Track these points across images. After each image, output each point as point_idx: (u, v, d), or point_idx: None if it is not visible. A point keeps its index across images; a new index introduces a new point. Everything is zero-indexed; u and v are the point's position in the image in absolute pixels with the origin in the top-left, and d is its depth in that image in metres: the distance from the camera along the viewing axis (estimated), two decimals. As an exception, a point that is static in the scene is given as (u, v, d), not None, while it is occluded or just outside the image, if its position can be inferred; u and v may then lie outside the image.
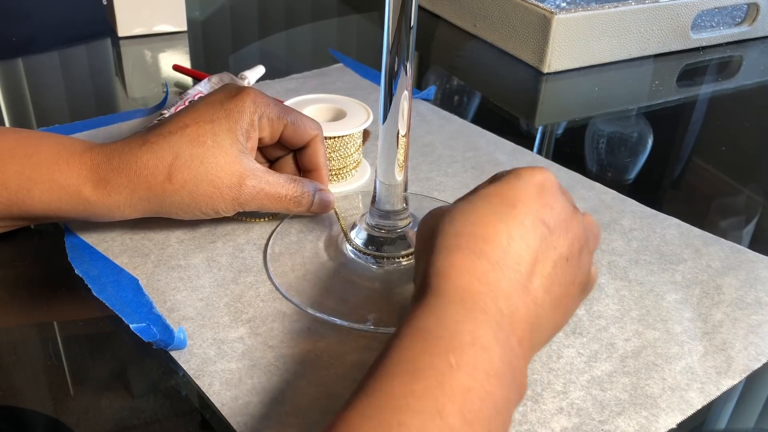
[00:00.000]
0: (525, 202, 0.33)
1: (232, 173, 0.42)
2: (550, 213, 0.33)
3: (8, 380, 0.37)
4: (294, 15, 0.95)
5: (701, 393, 0.37)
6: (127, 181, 0.41)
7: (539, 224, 0.32)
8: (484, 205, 0.33)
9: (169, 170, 0.41)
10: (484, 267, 0.31)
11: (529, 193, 0.33)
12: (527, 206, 0.32)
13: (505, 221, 0.32)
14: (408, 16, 0.37)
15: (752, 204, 0.56)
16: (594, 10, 0.74)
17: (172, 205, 0.43)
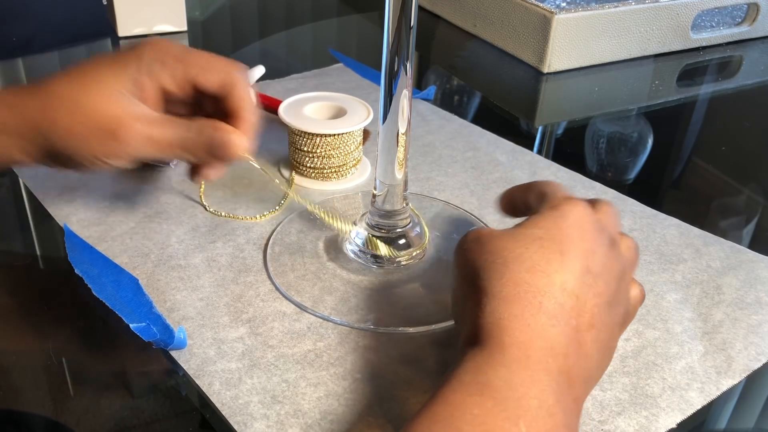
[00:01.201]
0: (572, 248, 0.32)
1: (106, 115, 0.39)
2: (593, 258, 0.32)
3: (8, 380, 0.37)
4: (294, 15, 0.95)
5: (701, 393, 0.37)
6: (15, 123, 0.39)
7: (586, 273, 0.32)
8: (537, 250, 0.32)
9: (53, 116, 0.39)
10: (543, 322, 0.30)
11: (574, 237, 0.33)
12: (574, 253, 0.32)
13: (558, 271, 0.31)
14: (408, 16, 0.37)
15: (752, 204, 0.56)
16: (594, 10, 0.74)
17: (64, 152, 0.39)
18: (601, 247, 0.33)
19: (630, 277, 0.35)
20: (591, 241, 0.33)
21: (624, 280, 0.34)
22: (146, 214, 0.49)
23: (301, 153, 0.53)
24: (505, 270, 0.32)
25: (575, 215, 0.34)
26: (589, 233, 0.33)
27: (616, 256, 0.34)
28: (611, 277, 0.33)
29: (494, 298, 0.31)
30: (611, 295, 0.32)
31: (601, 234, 0.34)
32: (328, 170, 0.53)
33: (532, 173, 0.56)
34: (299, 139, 0.52)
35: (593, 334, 0.31)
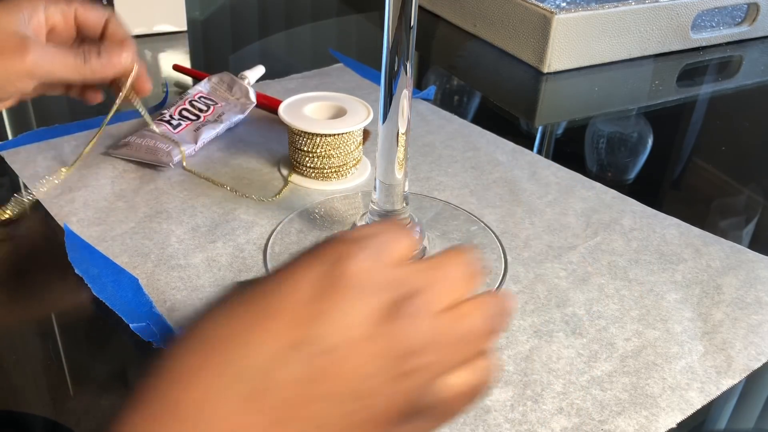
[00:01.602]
0: (282, 312, 0.24)
1: (13, 37, 0.43)
2: (317, 327, 0.24)
3: (8, 380, 0.37)
4: (294, 15, 0.95)
5: (701, 393, 0.37)
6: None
7: (291, 349, 0.24)
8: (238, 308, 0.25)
9: None
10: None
11: (295, 296, 0.25)
12: (282, 319, 0.24)
13: (249, 343, 0.24)
14: (408, 16, 0.37)
15: (752, 204, 0.56)
16: (594, 10, 0.74)
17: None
18: (343, 313, 0.24)
19: (446, 362, 0.25)
20: (327, 302, 0.24)
21: (408, 363, 0.24)
22: (146, 214, 0.49)
23: (301, 153, 0.53)
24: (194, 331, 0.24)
25: (317, 264, 0.25)
26: (333, 292, 0.24)
27: (390, 331, 0.24)
28: (358, 358, 0.23)
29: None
30: (347, 384, 0.23)
31: (367, 294, 0.24)
32: (328, 170, 0.53)
33: (532, 173, 0.56)
34: (299, 139, 0.52)
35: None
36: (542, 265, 0.46)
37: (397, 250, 0.26)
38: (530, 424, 0.35)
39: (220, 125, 0.58)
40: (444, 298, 0.26)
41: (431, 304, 0.25)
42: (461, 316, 0.26)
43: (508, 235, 0.48)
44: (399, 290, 0.25)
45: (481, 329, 0.26)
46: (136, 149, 0.54)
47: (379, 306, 0.24)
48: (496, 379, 0.28)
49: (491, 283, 0.44)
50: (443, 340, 0.25)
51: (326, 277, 0.24)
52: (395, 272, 0.25)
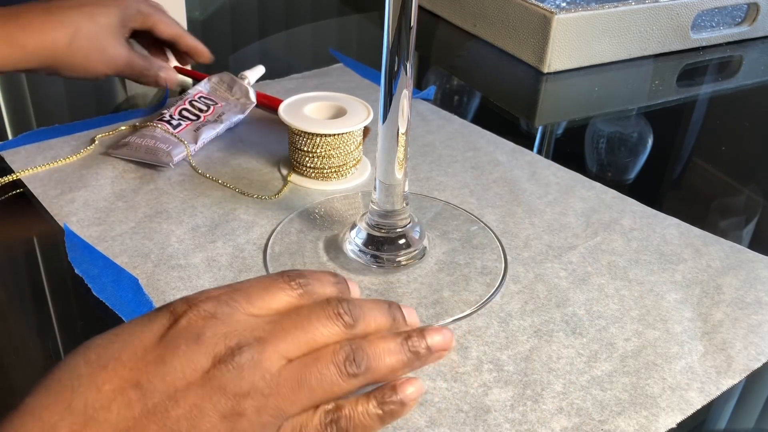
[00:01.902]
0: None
1: (117, 46, 0.57)
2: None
3: (8, 380, 0.37)
4: (294, 15, 0.95)
5: (701, 393, 0.37)
6: (34, 42, 0.53)
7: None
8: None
9: (70, 39, 0.55)
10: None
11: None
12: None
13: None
14: (408, 16, 0.37)
15: (752, 204, 0.56)
16: (594, 10, 0.74)
17: (68, 65, 0.56)
18: (177, 360, 0.25)
19: (284, 407, 0.26)
20: (164, 349, 0.26)
21: (238, 408, 0.25)
22: (146, 214, 0.49)
23: (301, 153, 0.53)
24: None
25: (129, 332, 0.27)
26: (170, 340, 0.26)
27: (220, 377, 0.25)
28: (185, 403, 0.25)
29: None
30: (171, 427, 0.25)
31: (203, 342, 0.26)
32: (328, 170, 0.53)
33: (532, 173, 0.56)
34: (299, 139, 0.52)
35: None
36: (542, 265, 0.46)
37: (261, 299, 0.28)
38: (530, 424, 0.35)
39: (220, 125, 0.58)
40: (292, 347, 0.27)
41: (270, 353, 0.26)
42: (308, 363, 0.27)
43: (508, 235, 0.48)
44: (237, 339, 0.26)
45: (331, 375, 0.27)
46: (135, 149, 0.54)
47: (213, 353, 0.26)
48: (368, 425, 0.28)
49: (491, 282, 0.44)
50: (281, 387, 0.26)
51: (169, 327, 0.26)
52: (241, 323, 0.27)
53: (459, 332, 0.40)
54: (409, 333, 0.30)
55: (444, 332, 0.30)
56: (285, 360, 0.27)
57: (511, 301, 0.43)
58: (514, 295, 0.43)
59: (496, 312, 0.42)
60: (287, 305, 0.29)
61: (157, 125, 0.56)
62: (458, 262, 0.46)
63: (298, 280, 0.30)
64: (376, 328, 0.30)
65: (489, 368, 0.38)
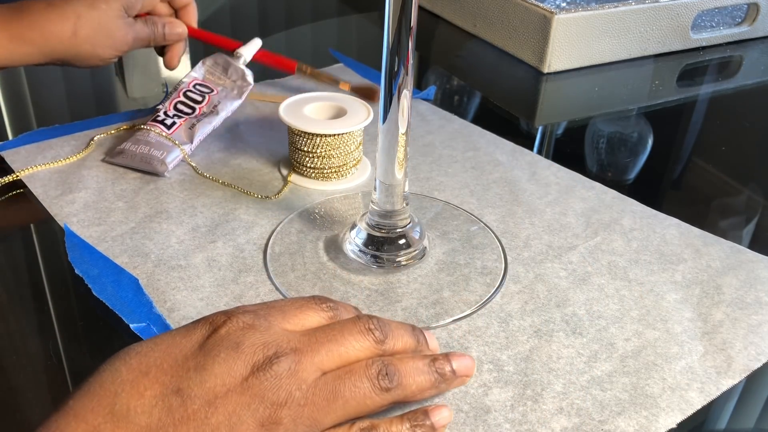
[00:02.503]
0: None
1: (122, 27, 0.57)
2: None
3: (8, 380, 0.37)
4: (294, 15, 0.95)
5: (701, 393, 0.37)
6: (39, 36, 0.53)
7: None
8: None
9: (74, 28, 0.54)
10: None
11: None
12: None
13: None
14: (408, 16, 0.37)
15: (752, 204, 0.56)
16: (594, 10, 0.74)
17: (77, 55, 0.55)
18: (216, 367, 0.26)
19: (319, 418, 0.27)
20: (203, 357, 0.27)
21: (275, 416, 0.26)
22: (146, 214, 0.49)
23: (301, 153, 0.53)
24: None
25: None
26: (210, 348, 0.27)
27: (257, 385, 0.26)
28: (224, 409, 0.26)
29: None
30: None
31: (242, 351, 0.27)
32: (328, 170, 0.53)
33: (532, 173, 0.56)
34: (299, 139, 0.52)
35: None
36: (542, 265, 0.46)
37: (295, 317, 0.29)
38: (530, 424, 0.35)
39: (215, 117, 0.58)
40: (327, 359, 0.28)
41: (306, 363, 0.27)
42: (343, 376, 0.28)
43: (508, 235, 0.48)
44: (275, 348, 0.27)
45: (365, 388, 0.28)
46: (131, 158, 0.54)
47: (252, 361, 0.26)
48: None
49: (492, 282, 0.44)
50: (317, 397, 0.27)
51: (208, 336, 0.27)
52: (278, 334, 0.28)
53: (459, 332, 0.40)
54: (435, 356, 0.31)
55: (467, 358, 0.32)
56: (320, 371, 0.28)
57: (511, 301, 0.43)
58: (514, 295, 0.43)
59: (496, 312, 0.42)
60: (319, 323, 0.30)
61: (151, 128, 0.55)
62: (458, 262, 0.46)
63: (328, 304, 0.31)
64: (402, 346, 0.31)
65: (489, 368, 0.38)
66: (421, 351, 0.32)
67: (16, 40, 0.53)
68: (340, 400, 0.27)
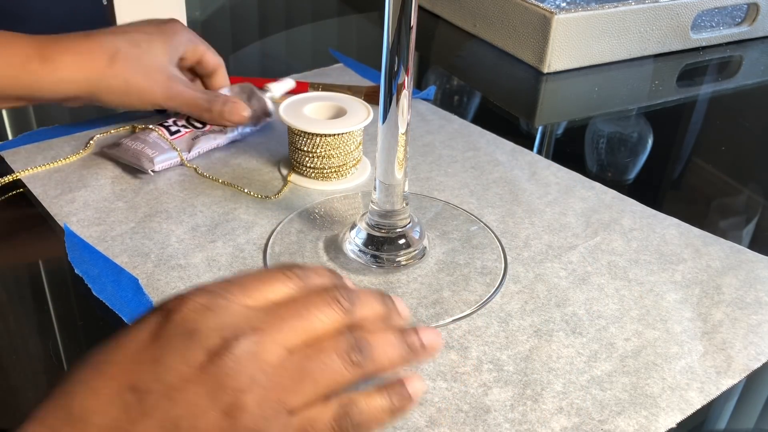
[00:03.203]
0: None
1: (162, 72, 0.52)
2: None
3: (8, 380, 0.37)
4: (294, 15, 0.95)
5: (701, 393, 0.37)
6: (72, 60, 0.50)
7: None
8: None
9: (110, 58, 0.50)
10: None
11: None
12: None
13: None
14: (408, 16, 0.37)
15: (752, 204, 0.56)
16: (594, 10, 0.74)
17: (109, 88, 0.51)
18: (171, 358, 0.25)
19: (288, 398, 0.25)
20: (158, 349, 0.26)
21: (238, 401, 0.25)
22: (146, 214, 0.49)
23: (301, 153, 0.53)
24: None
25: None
26: (164, 338, 0.26)
27: (216, 372, 0.25)
28: (183, 401, 0.25)
29: None
30: (173, 425, 0.24)
31: (196, 338, 0.25)
32: (328, 170, 0.53)
33: (532, 173, 0.56)
34: (299, 139, 0.52)
35: None
36: (542, 264, 0.46)
37: (258, 291, 0.27)
38: (530, 423, 0.35)
39: (222, 137, 0.57)
40: (291, 336, 0.26)
41: (268, 343, 0.25)
42: (310, 354, 0.26)
43: (508, 235, 0.48)
44: (233, 330, 0.25)
45: (335, 365, 0.26)
46: (124, 151, 0.54)
47: (209, 347, 0.25)
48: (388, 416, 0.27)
49: (491, 282, 0.44)
50: (283, 378, 0.25)
51: (162, 324, 0.26)
52: (236, 314, 0.26)
53: (459, 332, 0.40)
54: (405, 330, 0.30)
55: (435, 332, 0.30)
56: (284, 350, 0.26)
57: (511, 301, 0.43)
58: (514, 295, 0.43)
59: (496, 312, 0.42)
60: (284, 296, 0.28)
61: (154, 129, 0.55)
62: (458, 262, 0.46)
63: (295, 271, 0.29)
64: (372, 314, 0.29)
65: (489, 368, 0.38)
66: (391, 318, 0.30)
67: (48, 63, 0.49)
68: (308, 379, 0.26)
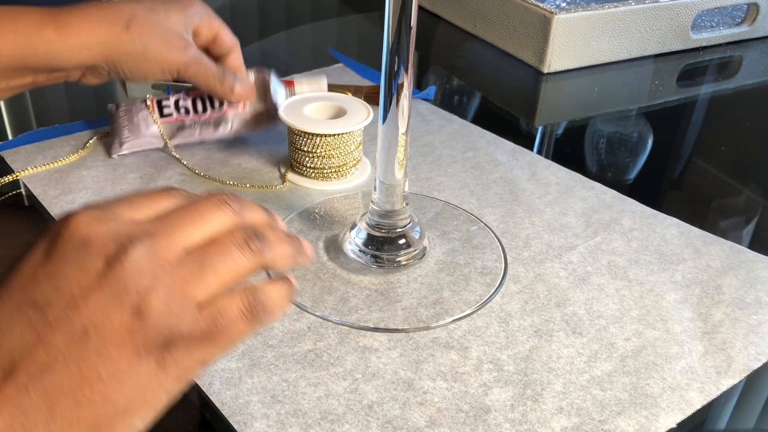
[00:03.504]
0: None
1: (180, 37, 0.51)
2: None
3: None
4: (294, 15, 0.95)
5: (701, 393, 0.37)
6: (88, 25, 0.47)
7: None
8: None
9: (127, 23, 0.48)
10: None
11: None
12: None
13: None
14: (408, 16, 0.37)
15: (752, 204, 0.56)
16: (594, 10, 0.74)
17: (126, 54, 0.49)
18: (69, 270, 0.25)
19: (189, 292, 0.26)
20: (54, 264, 0.25)
21: (143, 302, 0.24)
22: (146, 214, 0.49)
23: (301, 153, 0.53)
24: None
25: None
26: (57, 252, 0.25)
27: (116, 276, 0.24)
28: (89, 309, 0.24)
29: None
30: (79, 334, 0.24)
31: (89, 248, 0.25)
32: (328, 170, 0.53)
33: (532, 173, 0.56)
34: (299, 139, 0.52)
35: None
36: (542, 264, 0.46)
37: (145, 206, 0.28)
38: (530, 423, 0.35)
39: (212, 132, 0.56)
40: (186, 236, 0.27)
41: (164, 245, 0.26)
42: (208, 248, 0.26)
43: (508, 235, 0.48)
44: (127, 236, 0.25)
45: (234, 255, 0.27)
46: (114, 119, 0.56)
47: (105, 254, 0.25)
48: (277, 307, 0.28)
49: (492, 282, 0.44)
50: (184, 273, 0.25)
51: (52, 243, 0.26)
52: (127, 224, 0.26)
53: (459, 332, 0.40)
54: (286, 233, 0.30)
55: (306, 241, 0.31)
56: (181, 249, 0.26)
57: (511, 301, 0.43)
58: (514, 295, 0.43)
59: (496, 312, 0.42)
60: (172, 208, 0.28)
61: (148, 105, 0.55)
62: (458, 262, 0.46)
63: (182, 192, 0.29)
64: (259, 220, 0.30)
65: (489, 368, 0.38)
66: (274, 225, 0.31)
67: (64, 29, 0.47)
68: (211, 272, 0.26)
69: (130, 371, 0.24)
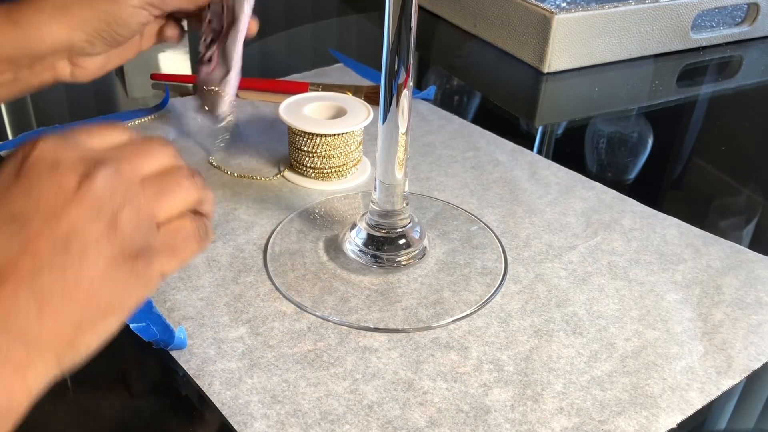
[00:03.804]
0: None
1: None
2: None
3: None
4: (294, 15, 0.95)
5: (701, 393, 0.37)
6: (80, 8, 0.45)
7: None
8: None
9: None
10: None
11: None
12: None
13: None
14: (408, 16, 0.37)
15: (752, 204, 0.56)
16: (594, 10, 0.74)
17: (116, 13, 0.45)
18: (41, 188, 0.26)
19: (158, 205, 0.29)
20: (26, 183, 0.27)
21: (118, 215, 0.27)
22: (146, 214, 0.49)
23: (301, 153, 0.53)
24: None
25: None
26: (28, 173, 0.27)
27: (88, 192, 0.26)
28: (66, 221, 0.26)
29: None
30: (56, 245, 0.26)
31: (60, 168, 0.27)
32: (328, 170, 0.53)
33: (532, 173, 0.56)
34: (299, 139, 0.52)
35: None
36: (542, 264, 0.46)
37: (101, 136, 0.30)
38: (530, 424, 0.35)
39: (237, 26, 0.48)
40: (142, 167, 0.29)
41: (128, 170, 0.28)
42: (163, 177, 0.30)
43: (508, 235, 0.48)
44: (95, 159, 0.27)
45: (185, 184, 0.30)
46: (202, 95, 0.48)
47: (77, 173, 0.27)
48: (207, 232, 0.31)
49: (492, 282, 0.44)
50: (148, 193, 0.29)
51: (21, 165, 0.27)
52: (91, 150, 0.28)
53: (459, 332, 0.40)
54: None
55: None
56: (142, 176, 0.29)
57: (511, 301, 0.43)
58: (514, 295, 0.43)
59: (496, 312, 0.42)
60: (122, 142, 0.31)
61: (211, 87, 0.48)
62: (458, 262, 0.46)
63: (125, 127, 0.32)
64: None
65: (489, 368, 0.38)
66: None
67: (59, 11, 0.45)
68: (168, 195, 0.29)
69: (110, 275, 0.27)
